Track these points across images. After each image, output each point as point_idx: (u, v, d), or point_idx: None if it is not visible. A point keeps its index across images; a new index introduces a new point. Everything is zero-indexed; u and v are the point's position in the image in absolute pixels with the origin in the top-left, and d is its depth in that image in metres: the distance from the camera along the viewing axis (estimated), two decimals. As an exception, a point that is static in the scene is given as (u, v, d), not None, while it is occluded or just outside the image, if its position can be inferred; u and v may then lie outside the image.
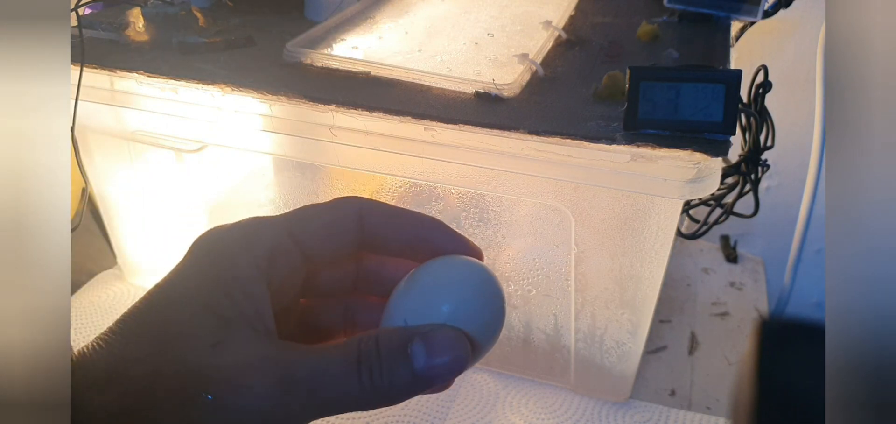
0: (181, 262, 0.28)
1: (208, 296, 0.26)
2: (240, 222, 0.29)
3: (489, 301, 0.28)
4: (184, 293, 0.26)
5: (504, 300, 0.28)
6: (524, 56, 0.46)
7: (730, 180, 0.60)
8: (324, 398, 0.25)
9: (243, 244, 0.28)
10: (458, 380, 0.52)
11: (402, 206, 0.47)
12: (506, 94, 0.42)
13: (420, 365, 0.26)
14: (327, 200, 0.30)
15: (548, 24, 0.52)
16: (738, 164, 0.59)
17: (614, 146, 0.38)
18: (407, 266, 0.30)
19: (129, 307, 0.27)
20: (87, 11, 0.54)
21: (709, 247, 0.71)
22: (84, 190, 0.56)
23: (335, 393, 0.25)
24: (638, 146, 0.37)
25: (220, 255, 0.27)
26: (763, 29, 0.60)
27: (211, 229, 0.29)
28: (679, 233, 0.63)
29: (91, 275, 0.62)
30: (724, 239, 0.72)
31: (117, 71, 0.45)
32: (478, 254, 0.30)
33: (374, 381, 0.25)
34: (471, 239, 0.30)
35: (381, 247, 0.30)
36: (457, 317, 0.26)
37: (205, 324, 0.25)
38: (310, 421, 0.26)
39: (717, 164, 0.37)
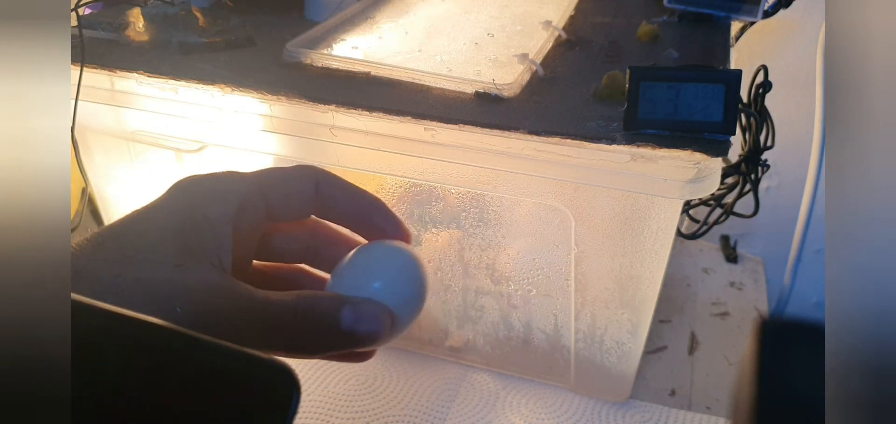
0: (159, 197, 0.31)
1: (179, 225, 0.29)
2: (218, 172, 0.32)
3: (411, 282, 0.33)
4: (156, 218, 0.30)
5: (424, 281, 0.34)
6: (524, 56, 0.46)
7: (730, 180, 0.60)
8: (263, 334, 0.29)
9: (218, 191, 0.31)
10: (458, 380, 0.52)
11: (401, 205, 0.47)
12: (506, 94, 0.42)
13: (346, 325, 0.30)
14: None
15: (548, 24, 0.52)
16: (738, 164, 0.59)
17: (614, 146, 0.38)
18: (349, 248, 0.35)
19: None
20: (87, 11, 0.54)
21: (709, 247, 0.71)
22: (84, 190, 0.56)
23: (272, 334, 0.29)
24: (638, 146, 0.37)
25: (195, 196, 0.31)
26: (763, 29, 0.60)
27: (191, 175, 0.32)
28: (679, 233, 0.63)
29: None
30: (724, 239, 0.72)
31: (117, 71, 0.45)
32: (407, 237, 0.35)
33: (306, 329, 0.29)
34: (406, 223, 0.36)
35: (330, 215, 0.35)
36: (383, 294, 0.32)
37: (171, 247, 0.29)
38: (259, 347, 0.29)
39: (717, 164, 0.37)
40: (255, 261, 0.35)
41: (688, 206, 0.62)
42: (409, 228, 0.35)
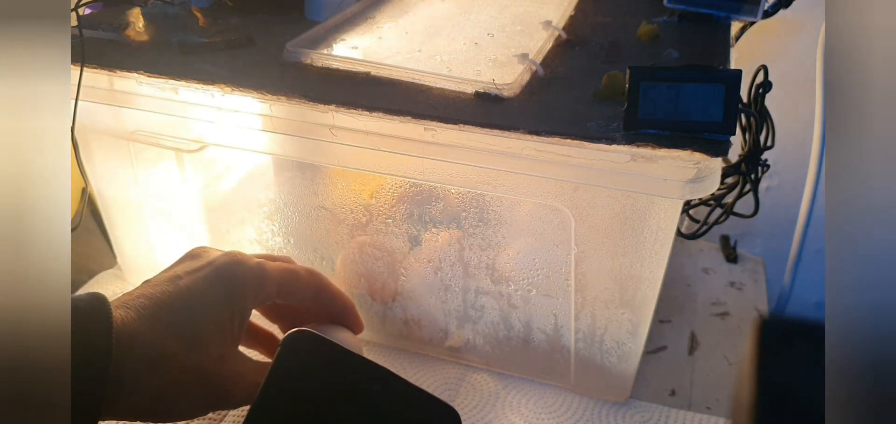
0: (205, 273, 0.40)
1: (220, 316, 0.39)
2: (252, 265, 0.42)
3: None
4: (204, 305, 0.39)
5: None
6: (524, 56, 0.46)
7: (730, 180, 0.60)
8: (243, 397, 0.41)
9: (253, 286, 0.41)
10: (458, 380, 0.52)
11: (401, 206, 0.48)
12: (506, 94, 0.42)
13: None
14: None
15: (548, 24, 0.52)
16: (738, 164, 0.59)
17: (614, 146, 0.38)
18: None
19: (155, 277, 0.40)
20: (87, 11, 0.54)
21: (709, 247, 0.71)
22: (84, 190, 0.56)
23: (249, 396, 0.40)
24: (638, 146, 0.37)
25: (236, 286, 0.40)
26: (763, 29, 0.60)
27: (234, 259, 0.41)
28: (679, 233, 0.63)
29: (91, 275, 0.62)
30: (724, 239, 0.72)
31: (117, 71, 0.45)
32: (358, 329, 0.48)
33: None
34: (361, 316, 0.49)
35: (321, 309, 0.46)
36: None
37: (216, 339, 0.39)
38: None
39: (717, 164, 0.37)
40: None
41: (688, 206, 0.62)
42: (362, 322, 0.48)
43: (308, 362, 0.38)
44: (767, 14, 0.54)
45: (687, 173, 0.37)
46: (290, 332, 0.38)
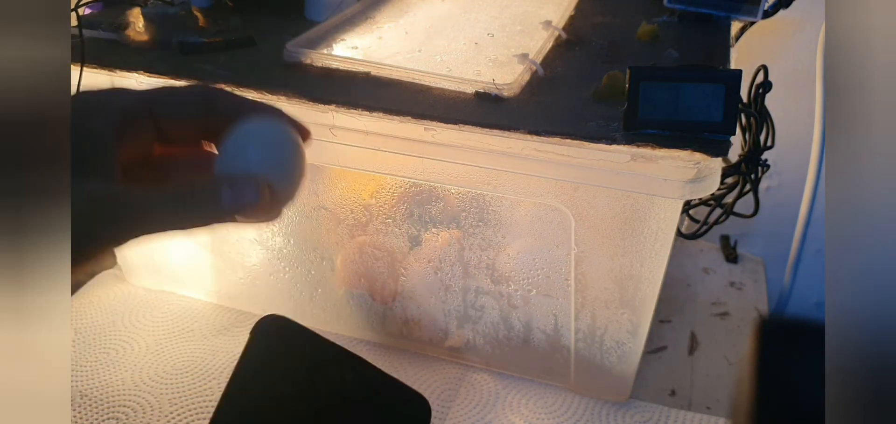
0: None
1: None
2: (104, 89, 0.35)
3: (286, 154, 0.35)
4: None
5: (300, 153, 0.35)
6: (524, 56, 0.46)
7: (730, 180, 0.60)
8: (146, 222, 0.33)
9: (101, 105, 0.34)
10: (458, 380, 0.52)
11: (401, 206, 0.47)
12: (506, 94, 0.42)
13: (227, 204, 0.33)
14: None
15: (548, 24, 0.52)
16: (738, 164, 0.59)
17: (614, 146, 0.38)
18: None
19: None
20: (87, 11, 0.54)
21: (709, 247, 0.71)
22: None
23: (163, 222, 0.33)
24: (638, 146, 0.37)
25: (79, 110, 0.33)
26: (763, 29, 0.60)
27: (81, 92, 0.37)
28: (679, 233, 0.63)
29: (91, 275, 0.62)
30: (724, 239, 0.72)
31: (117, 71, 0.45)
32: (304, 135, 0.36)
33: (193, 213, 0.33)
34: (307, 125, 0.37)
35: (225, 125, 0.37)
36: (261, 166, 0.34)
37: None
38: (139, 236, 0.33)
39: (717, 164, 0.37)
40: (158, 148, 0.38)
41: (688, 206, 0.62)
42: (306, 127, 0.37)
43: (278, 348, 0.38)
44: (767, 14, 0.54)
45: (687, 173, 0.37)
46: (260, 318, 0.39)
